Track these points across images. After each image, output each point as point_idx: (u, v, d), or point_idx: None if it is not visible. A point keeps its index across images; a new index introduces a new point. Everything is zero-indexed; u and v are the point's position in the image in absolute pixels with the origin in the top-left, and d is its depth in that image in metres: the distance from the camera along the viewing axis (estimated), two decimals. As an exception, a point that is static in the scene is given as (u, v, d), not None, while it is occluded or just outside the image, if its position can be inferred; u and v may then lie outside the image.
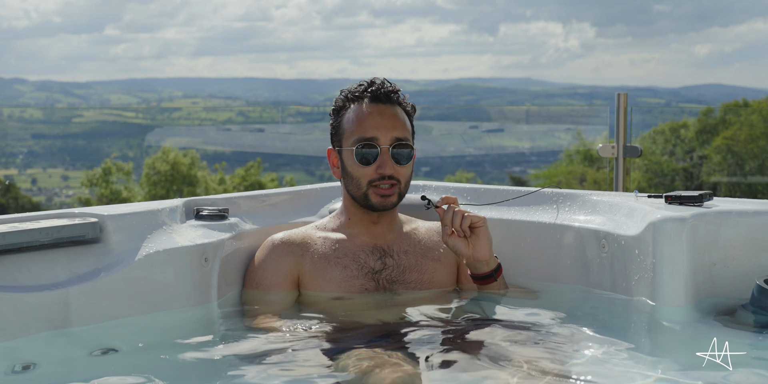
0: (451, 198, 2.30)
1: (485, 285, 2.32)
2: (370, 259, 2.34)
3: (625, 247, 2.30)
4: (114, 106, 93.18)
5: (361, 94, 2.35)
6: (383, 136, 2.31)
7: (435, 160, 14.17)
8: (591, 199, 2.54)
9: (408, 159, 2.34)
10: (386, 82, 2.37)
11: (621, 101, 5.04)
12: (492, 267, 2.30)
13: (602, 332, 2.05)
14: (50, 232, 2.08)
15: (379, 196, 2.32)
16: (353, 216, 2.40)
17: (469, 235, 2.27)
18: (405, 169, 2.34)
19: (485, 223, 2.28)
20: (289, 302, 2.31)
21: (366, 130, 2.31)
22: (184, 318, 2.19)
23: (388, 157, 2.30)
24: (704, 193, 2.35)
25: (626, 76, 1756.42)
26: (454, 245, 2.28)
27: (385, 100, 2.35)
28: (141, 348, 1.99)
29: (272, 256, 2.36)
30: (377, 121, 2.32)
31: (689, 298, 2.17)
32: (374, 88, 2.35)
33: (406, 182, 2.36)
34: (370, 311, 2.22)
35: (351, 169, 2.34)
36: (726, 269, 2.25)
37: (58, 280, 2.06)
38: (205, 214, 2.44)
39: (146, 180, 16.44)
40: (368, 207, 2.35)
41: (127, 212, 2.26)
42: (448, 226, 2.27)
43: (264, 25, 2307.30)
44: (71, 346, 1.96)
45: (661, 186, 12.15)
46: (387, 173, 2.30)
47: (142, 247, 2.20)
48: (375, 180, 2.31)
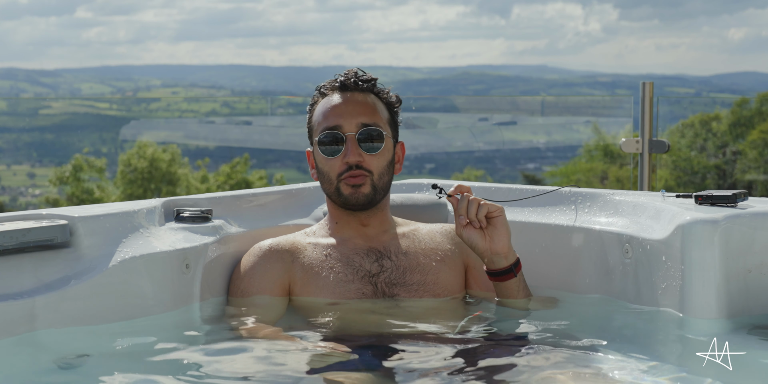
0: (465, 186, 2.30)
1: (504, 282, 2.30)
2: (366, 262, 2.34)
3: (651, 252, 2.30)
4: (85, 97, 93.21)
5: (331, 86, 2.40)
6: (347, 122, 2.33)
7: (441, 155, 14.18)
8: (613, 199, 2.54)
9: (378, 147, 2.34)
10: (360, 71, 2.42)
11: (646, 91, 5.05)
12: (511, 261, 2.30)
13: (626, 349, 2.05)
14: (15, 236, 2.07)
15: (349, 186, 2.33)
16: (340, 219, 2.41)
17: (486, 226, 2.27)
18: (376, 158, 2.34)
19: (503, 212, 2.28)
20: (279, 310, 2.32)
21: (329, 119, 2.35)
22: (160, 325, 2.19)
23: (352, 145, 2.32)
24: (738, 193, 2.35)
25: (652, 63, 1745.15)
26: (469, 237, 2.27)
27: (353, 88, 2.38)
28: (112, 356, 1.99)
29: (260, 262, 2.37)
30: (341, 109, 2.35)
31: (721, 308, 2.17)
32: (344, 77, 2.39)
33: (381, 174, 2.35)
34: (367, 321, 2.22)
35: (320, 165, 2.37)
36: (762, 277, 2.25)
37: (24, 288, 2.06)
38: (187, 216, 2.44)
39: (121, 178, 16.46)
40: (344, 204, 2.36)
41: (100, 214, 2.26)
42: (463, 215, 2.27)
43: (252, 6, 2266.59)
44: (37, 358, 1.97)
45: (690, 185, 12.16)
46: (352, 161, 2.31)
47: (117, 253, 2.20)
48: (343, 172, 2.33)
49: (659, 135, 5.22)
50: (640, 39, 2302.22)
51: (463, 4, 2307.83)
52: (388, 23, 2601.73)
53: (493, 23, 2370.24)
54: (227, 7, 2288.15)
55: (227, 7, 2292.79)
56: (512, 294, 2.31)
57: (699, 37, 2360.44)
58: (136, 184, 16.24)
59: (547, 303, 2.41)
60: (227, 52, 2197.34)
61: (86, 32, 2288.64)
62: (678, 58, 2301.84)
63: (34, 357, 1.98)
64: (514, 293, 2.31)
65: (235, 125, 12.66)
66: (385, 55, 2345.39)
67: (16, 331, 2.00)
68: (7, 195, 19.81)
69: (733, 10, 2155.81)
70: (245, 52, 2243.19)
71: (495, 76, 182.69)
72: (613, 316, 2.37)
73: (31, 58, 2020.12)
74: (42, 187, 19.83)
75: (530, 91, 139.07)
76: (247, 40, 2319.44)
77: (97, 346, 2.05)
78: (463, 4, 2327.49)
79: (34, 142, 14.67)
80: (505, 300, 2.33)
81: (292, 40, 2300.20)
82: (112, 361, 1.98)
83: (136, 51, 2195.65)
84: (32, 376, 1.91)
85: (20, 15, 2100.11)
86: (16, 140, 13.76)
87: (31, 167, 21.78)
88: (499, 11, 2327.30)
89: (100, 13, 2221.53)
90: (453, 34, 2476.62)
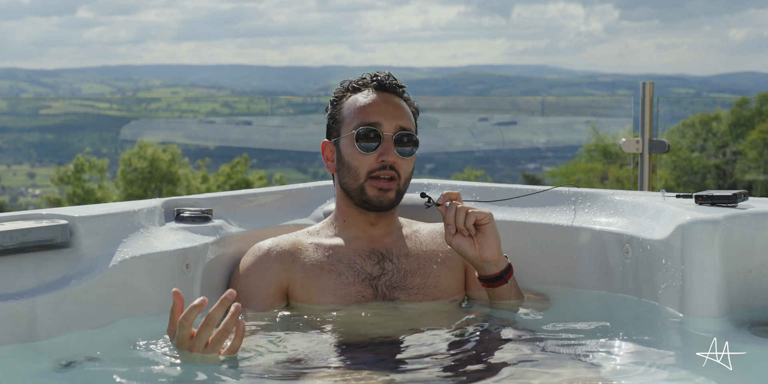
0: (453, 194, 2.30)
1: (495, 288, 2.31)
2: (367, 265, 2.34)
3: (651, 252, 2.30)
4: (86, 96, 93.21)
5: (364, 83, 2.42)
6: (387, 122, 2.34)
7: (441, 155, 14.18)
8: (613, 199, 2.54)
9: (411, 153, 2.37)
10: (392, 75, 2.44)
11: (647, 91, 5.05)
12: (501, 268, 2.30)
13: (625, 349, 2.05)
14: (15, 236, 2.07)
15: (376, 189, 2.33)
16: (348, 218, 2.40)
17: (475, 234, 2.27)
18: (406, 163, 2.36)
19: (492, 219, 2.27)
20: (275, 313, 2.31)
21: (369, 116, 2.35)
22: (160, 325, 2.19)
23: (390, 145, 2.33)
24: (738, 193, 2.35)
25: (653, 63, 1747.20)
26: (458, 246, 2.27)
27: (390, 90, 2.41)
28: (112, 356, 1.99)
29: (259, 263, 2.36)
30: (381, 107, 2.37)
31: (722, 308, 2.17)
32: (380, 77, 2.41)
33: (406, 179, 2.38)
34: (366, 324, 2.22)
35: (349, 159, 2.36)
36: (763, 277, 2.25)
37: (24, 288, 2.06)
38: (187, 216, 2.44)
39: (122, 178, 16.47)
40: (363, 203, 2.35)
41: (100, 214, 2.26)
42: (451, 224, 2.27)
43: (253, 6, 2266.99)
44: (38, 360, 1.96)
45: (690, 185, 12.16)
46: (389, 161, 2.32)
47: (117, 253, 2.20)
48: (375, 170, 2.33)
49: (659, 135, 5.21)
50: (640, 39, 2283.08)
51: (464, 4, 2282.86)
52: (389, 23, 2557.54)
53: (494, 23, 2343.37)
54: (228, 6, 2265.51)
55: (228, 7, 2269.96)
56: (504, 298, 2.32)
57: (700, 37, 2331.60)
58: (137, 184, 16.24)
59: (540, 302, 2.41)
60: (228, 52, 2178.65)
61: (87, 32, 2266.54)
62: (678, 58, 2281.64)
63: (34, 357, 1.97)
64: (506, 297, 2.32)
65: (235, 125, 12.67)
66: (385, 54, 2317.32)
67: (16, 332, 2.00)
68: (7, 195, 19.81)
69: (734, 10, 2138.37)
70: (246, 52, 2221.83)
71: (495, 76, 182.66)
72: (612, 316, 2.37)
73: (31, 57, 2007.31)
74: (42, 187, 19.84)
75: (530, 91, 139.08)
76: (248, 40, 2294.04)
77: (97, 346, 2.05)
78: (464, 4, 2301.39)
79: (34, 142, 14.67)
80: (497, 301, 2.34)
81: (293, 40, 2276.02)
82: (112, 361, 1.98)
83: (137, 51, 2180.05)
84: (32, 376, 1.91)
85: (22, 15, 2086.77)
86: (16, 140, 13.76)
87: (31, 167, 21.78)
88: (500, 11, 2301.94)
89: (101, 13, 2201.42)
90: (454, 34, 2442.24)
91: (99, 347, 2.05)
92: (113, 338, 2.11)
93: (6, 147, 13.77)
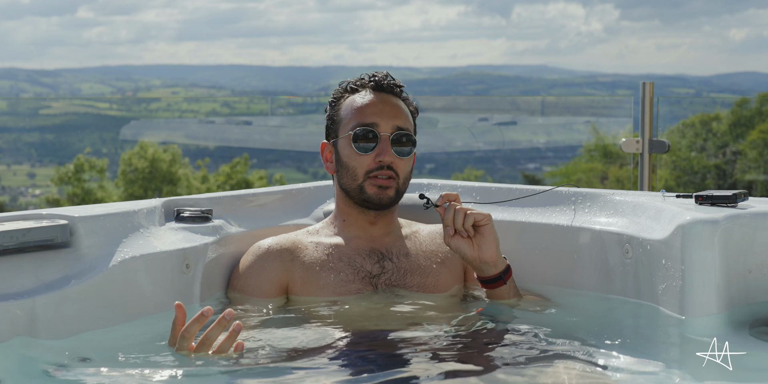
0: (451, 195, 2.31)
1: (494, 289, 2.32)
2: (367, 263, 2.35)
3: (651, 252, 2.30)
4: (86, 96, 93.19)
5: (362, 84, 2.42)
6: (384, 123, 2.35)
7: (440, 156, 14.18)
8: (613, 199, 2.54)
9: (409, 152, 2.37)
10: (390, 76, 2.45)
11: (647, 91, 5.05)
12: (500, 269, 2.31)
13: (625, 349, 2.05)
14: (15, 236, 2.07)
15: (375, 186, 2.34)
16: (348, 217, 2.41)
17: (473, 235, 2.28)
18: (404, 162, 2.36)
19: (490, 220, 2.28)
20: (273, 310, 2.32)
21: (366, 116, 2.36)
22: (160, 325, 2.19)
23: (387, 145, 2.34)
24: (738, 193, 2.35)
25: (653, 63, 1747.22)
26: (457, 247, 2.28)
27: (388, 90, 2.42)
28: (112, 356, 1.99)
29: (259, 261, 2.37)
30: (378, 108, 2.38)
31: (721, 309, 2.17)
32: (377, 77, 2.42)
33: (405, 179, 2.39)
34: (365, 316, 2.22)
35: (347, 159, 2.37)
36: (763, 277, 2.25)
37: (24, 288, 2.06)
38: (187, 216, 2.44)
39: (122, 178, 16.47)
40: (363, 202, 2.36)
41: (100, 214, 2.26)
42: (449, 226, 2.28)
43: (254, 6, 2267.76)
44: (38, 360, 1.96)
45: (690, 185, 12.15)
46: (387, 161, 2.33)
47: (117, 253, 2.20)
48: (373, 170, 2.34)
49: (659, 135, 5.21)
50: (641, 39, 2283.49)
51: (464, 3, 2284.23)
52: (389, 23, 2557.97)
53: (494, 23, 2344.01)
54: (228, 6, 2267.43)
55: (228, 7, 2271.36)
56: (502, 299, 2.34)
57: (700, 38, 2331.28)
58: (137, 184, 16.25)
59: (540, 303, 2.42)
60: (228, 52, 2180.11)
61: (87, 32, 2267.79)
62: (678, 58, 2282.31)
63: (34, 357, 1.98)
64: (505, 298, 2.34)
65: (235, 125, 12.67)
66: (385, 54, 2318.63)
67: (16, 331, 2.00)
68: (7, 195, 19.80)
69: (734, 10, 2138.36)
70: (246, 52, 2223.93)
71: (495, 76, 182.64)
72: (612, 315, 2.37)
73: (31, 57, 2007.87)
74: (42, 187, 19.84)
75: (530, 91, 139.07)
76: (248, 40, 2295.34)
77: (97, 346, 2.05)
78: (464, 4, 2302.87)
79: (34, 142, 14.67)
80: (495, 301, 2.35)
81: (293, 40, 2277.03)
82: (112, 361, 1.98)
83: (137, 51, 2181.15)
84: (32, 376, 1.91)
85: (22, 15, 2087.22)
86: (16, 140, 13.76)
87: (31, 167, 21.78)
88: (500, 11, 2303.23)
89: (101, 13, 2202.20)
90: (454, 34, 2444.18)
91: (99, 347, 2.06)
92: (113, 338, 2.11)
93: (6, 147, 13.77)
